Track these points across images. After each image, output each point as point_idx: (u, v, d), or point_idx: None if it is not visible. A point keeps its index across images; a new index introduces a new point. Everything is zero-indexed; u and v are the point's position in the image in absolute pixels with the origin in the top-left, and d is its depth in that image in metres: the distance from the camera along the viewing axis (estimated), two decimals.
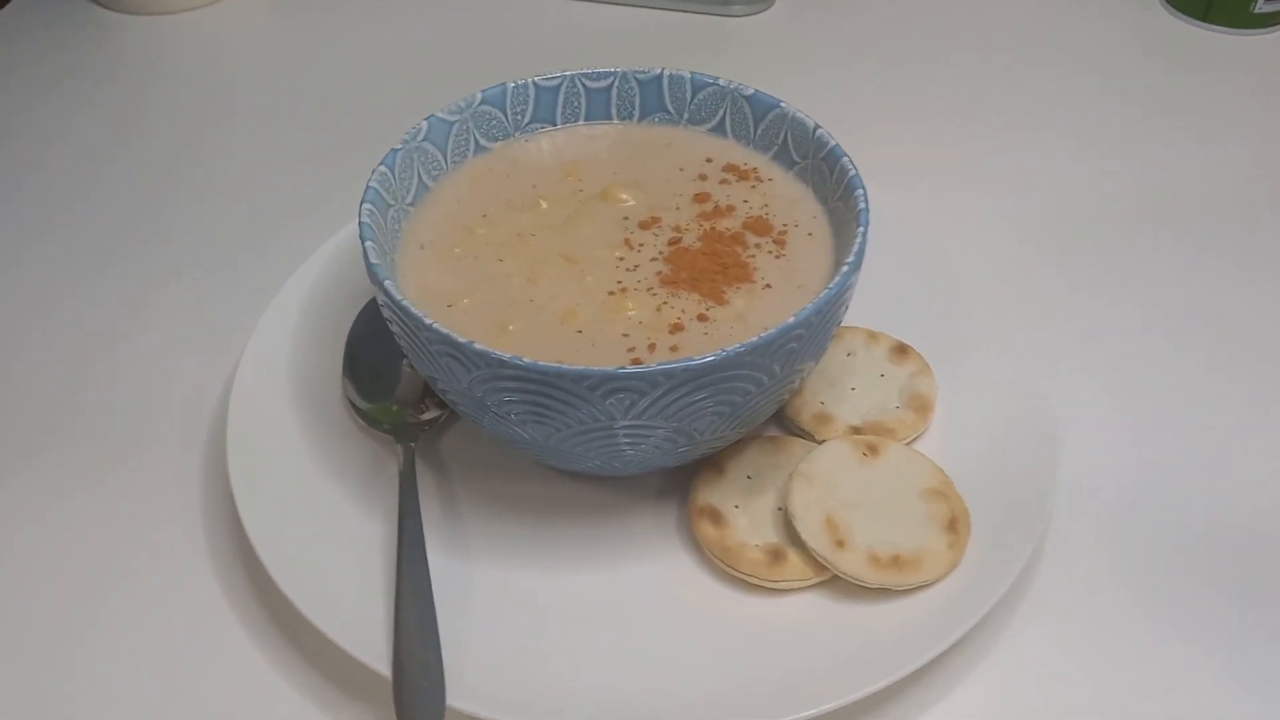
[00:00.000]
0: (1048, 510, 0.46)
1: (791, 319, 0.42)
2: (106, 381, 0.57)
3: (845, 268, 0.44)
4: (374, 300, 0.55)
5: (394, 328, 0.45)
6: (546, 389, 0.41)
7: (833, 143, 0.50)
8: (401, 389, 0.52)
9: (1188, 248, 0.64)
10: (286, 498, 0.48)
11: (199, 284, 0.62)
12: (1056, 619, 0.46)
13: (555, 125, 0.55)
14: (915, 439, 0.51)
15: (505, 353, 0.40)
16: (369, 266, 0.44)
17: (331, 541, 0.47)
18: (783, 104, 0.52)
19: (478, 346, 0.41)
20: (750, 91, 0.53)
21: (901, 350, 0.54)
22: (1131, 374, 0.57)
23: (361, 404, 0.51)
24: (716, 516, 0.47)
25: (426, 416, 0.51)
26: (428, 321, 0.42)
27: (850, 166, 0.48)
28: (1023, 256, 0.63)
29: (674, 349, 0.45)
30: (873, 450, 0.48)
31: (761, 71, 0.54)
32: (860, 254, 0.45)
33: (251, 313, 0.56)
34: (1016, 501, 0.47)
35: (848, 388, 0.53)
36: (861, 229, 0.45)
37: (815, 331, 0.44)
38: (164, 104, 0.76)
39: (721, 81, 0.53)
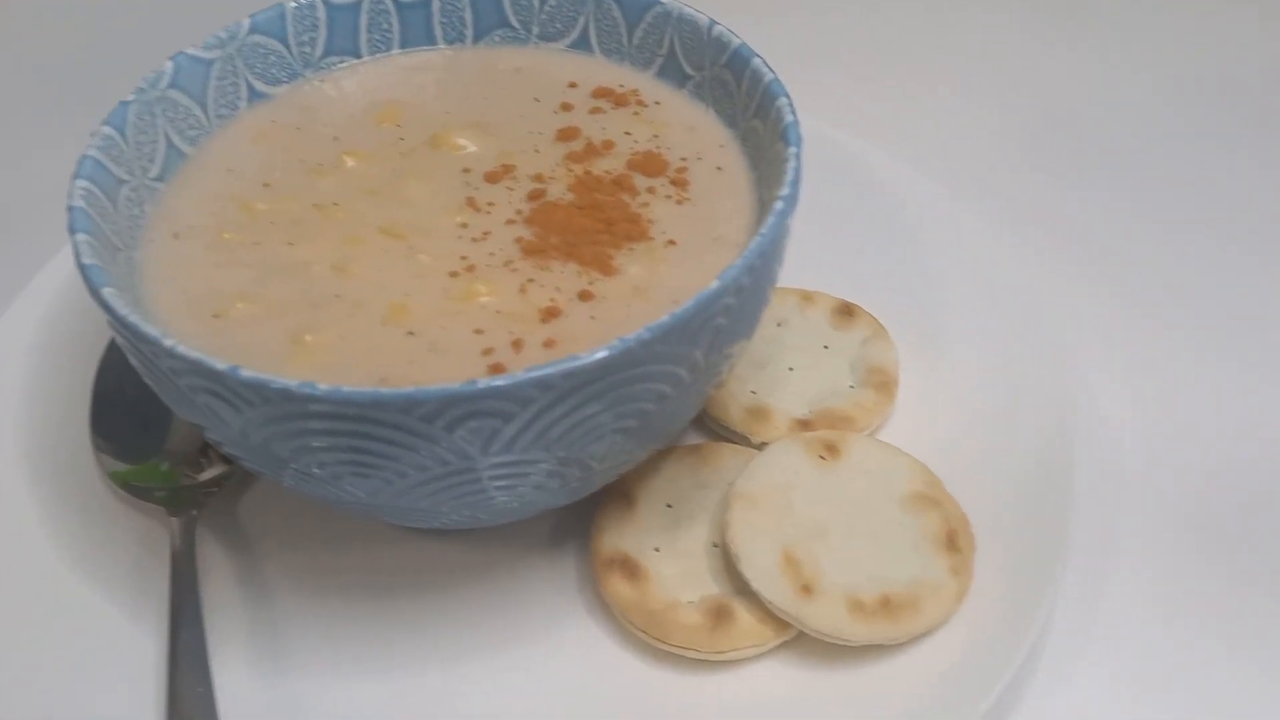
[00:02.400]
0: (1073, 502, 0.35)
1: (716, 283, 0.29)
2: None
3: (779, 203, 0.32)
4: None
5: (132, 359, 0.30)
6: (364, 426, 0.27)
7: (737, 42, 0.37)
8: (174, 440, 0.37)
9: (1183, 142, 0.53)
10: (22, 611, 0.35)
11: None
12: (1101, 645, 0.35)
13: (360, 57, 0.41)
14: (879, 428, 0.39)
15: (291, 380, 0.27)
16: (81, 269, 0.30)
17: (89, 670, 0.33)
18: (663, 0, 0.39)
19: (245, 374, 0.27)
20: None
21: (846, 311, 0.41)
22: (1140, 307, 0.45)
23: (117, 465, 0.36)
24: (632, 568, 0.34)
25: (208, 475, 0.36)
26: (167, 343, 0.27)
27: (765, 69, 0.36)
28: (984, 177, 0.51)
29: (549, 344, 0.31)
30: (832, 450, 0.36)
31: None
32: (796, 182, 0.32)
33: None
34: (1027, 497, 0.36)
35: (783, 368, 0.40)
36: (793, 149, 0.33)
37: (749, 298, 0.31)
38: None
39: None
